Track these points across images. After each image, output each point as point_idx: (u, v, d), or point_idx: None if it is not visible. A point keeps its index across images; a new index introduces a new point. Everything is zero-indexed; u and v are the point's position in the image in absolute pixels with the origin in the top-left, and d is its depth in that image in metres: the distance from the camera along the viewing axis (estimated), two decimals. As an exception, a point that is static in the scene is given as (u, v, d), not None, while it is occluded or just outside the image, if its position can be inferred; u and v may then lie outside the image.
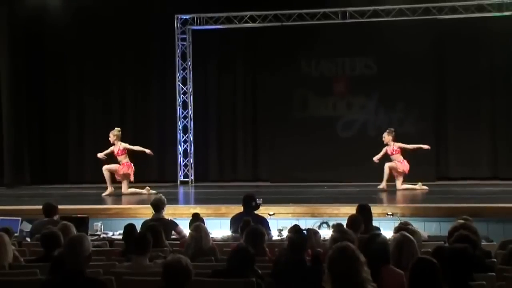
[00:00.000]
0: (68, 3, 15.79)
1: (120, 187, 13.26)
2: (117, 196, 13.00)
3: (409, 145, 13.25)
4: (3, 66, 15.79)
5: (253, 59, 16.16)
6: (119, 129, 13.43)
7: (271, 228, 8.67)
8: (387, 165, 13.12)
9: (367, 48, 15.24)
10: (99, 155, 13.27)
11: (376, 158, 13.21)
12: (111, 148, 13.30)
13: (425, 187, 13.17)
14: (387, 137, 13.26)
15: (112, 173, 13.29)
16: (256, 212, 8.86)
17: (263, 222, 8.38)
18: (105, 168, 13.29)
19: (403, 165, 13.13)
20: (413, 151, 13.30)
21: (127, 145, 13.32)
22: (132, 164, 13.31)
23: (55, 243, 6.09)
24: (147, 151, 13.32)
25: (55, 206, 8.75)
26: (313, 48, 15.38)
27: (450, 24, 14.83)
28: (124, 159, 13.25)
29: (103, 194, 13.09)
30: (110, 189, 13.25)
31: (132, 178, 13.26)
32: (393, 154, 13.19)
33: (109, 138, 13.27)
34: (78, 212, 9.81)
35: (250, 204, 8.77)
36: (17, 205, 11.55)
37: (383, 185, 13.04)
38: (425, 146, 13.31)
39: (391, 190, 12.92)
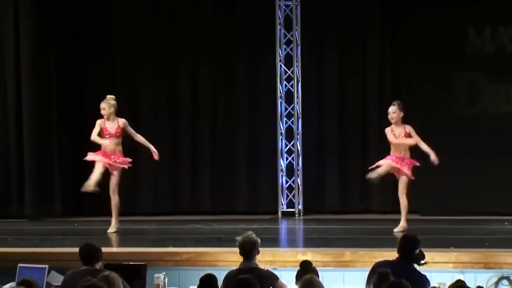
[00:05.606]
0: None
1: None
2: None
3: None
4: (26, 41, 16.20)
5: (395, 26, 16.16)
6: (113, 96, 13.22)
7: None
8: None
9: None
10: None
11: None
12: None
13: None
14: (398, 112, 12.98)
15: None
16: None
17: (424, 283, 8.25)
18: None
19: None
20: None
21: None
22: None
23: (98, 304, 6.24)
24: (152, 148, 13.24)
25: (97, 248, 8.95)
26: (487, 9, 15.27)
27: None
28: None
29: (109, 231, 13.26)
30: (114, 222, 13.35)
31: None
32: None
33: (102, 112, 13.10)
34: (132, 258, 10.06)
35: (411, 251, 8.61)
36: (42, 246, 11.84)
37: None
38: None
39: None
